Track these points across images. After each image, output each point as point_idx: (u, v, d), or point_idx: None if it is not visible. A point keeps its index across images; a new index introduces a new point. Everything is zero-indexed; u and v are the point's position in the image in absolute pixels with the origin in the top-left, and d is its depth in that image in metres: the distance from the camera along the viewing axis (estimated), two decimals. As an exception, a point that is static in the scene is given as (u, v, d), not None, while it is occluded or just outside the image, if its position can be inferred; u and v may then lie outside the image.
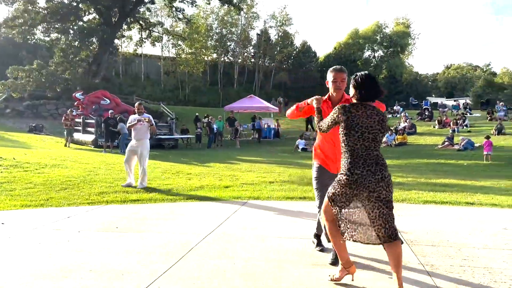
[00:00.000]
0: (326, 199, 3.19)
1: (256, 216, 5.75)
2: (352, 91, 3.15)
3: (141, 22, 34.72)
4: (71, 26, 31.69)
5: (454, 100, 41.79)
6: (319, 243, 4.21)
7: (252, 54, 59.20)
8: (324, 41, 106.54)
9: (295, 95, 49.39)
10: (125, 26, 33.84)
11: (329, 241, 3.42)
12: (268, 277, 3.39)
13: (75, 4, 31.38)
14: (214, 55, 57.04)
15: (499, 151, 15.62)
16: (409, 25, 60.79)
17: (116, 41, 35.67)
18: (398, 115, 30.80)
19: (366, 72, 3.19)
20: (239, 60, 57.58)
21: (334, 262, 3.69)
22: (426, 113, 29.36)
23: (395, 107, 34.45)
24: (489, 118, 26.73)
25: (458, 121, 24.11)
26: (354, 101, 3.15)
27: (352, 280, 3.25)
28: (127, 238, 4.58)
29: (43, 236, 4.62)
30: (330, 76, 3.74)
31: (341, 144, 3.14)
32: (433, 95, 53.50)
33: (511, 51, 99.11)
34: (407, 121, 24.24)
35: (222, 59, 57.54)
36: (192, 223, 5.33)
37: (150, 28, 36.21)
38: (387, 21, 62.25)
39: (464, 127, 23.33)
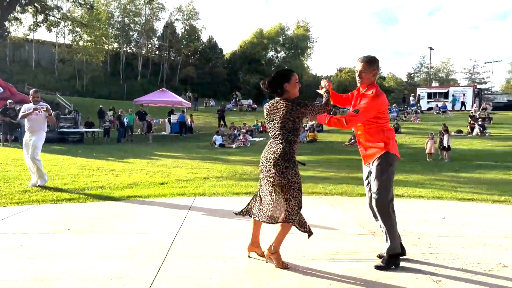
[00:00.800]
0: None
1: (212, 212, 5.62)
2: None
3: (36, 4, 31.51)
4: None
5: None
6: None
7: (157, 46, 57.53)
8: (230, 38, 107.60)
9: (202, 90, 49.21)
10: (18, 8, 30.39)
11: None
12: (270, 274, 3.36)
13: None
14: (116, 45, 54.29)
15: (399, 149, 17.17)
16: (309, 29, 64.05)
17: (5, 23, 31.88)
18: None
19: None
20: (143, 52, 55.55)
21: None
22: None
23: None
24: (383, 118, 29.25)
25: (359, 121, 26.02)
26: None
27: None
28: (88, 240, 4.19)
29: (-13, 242, 4.02)
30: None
31: None
32: (327, 96, 57.19)
33: (395, 59, 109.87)
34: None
35: (124, 49, 55.00)
36: (152, 222, 5.05)
37: (47, 12, 33.05)
38: (289, 24, 64.88)
39: (365, 126, 25.25)
